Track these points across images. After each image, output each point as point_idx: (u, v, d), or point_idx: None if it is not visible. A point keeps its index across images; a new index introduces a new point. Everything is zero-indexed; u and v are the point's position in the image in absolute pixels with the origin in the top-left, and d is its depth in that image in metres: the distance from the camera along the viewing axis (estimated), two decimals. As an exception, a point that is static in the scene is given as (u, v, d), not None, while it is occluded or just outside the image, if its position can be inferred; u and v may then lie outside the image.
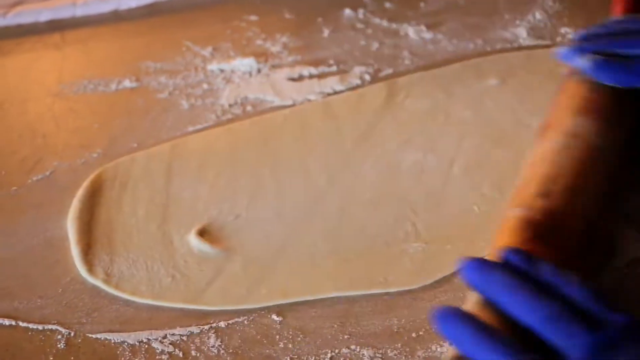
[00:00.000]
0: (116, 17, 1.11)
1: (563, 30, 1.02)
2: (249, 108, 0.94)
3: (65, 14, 1.10)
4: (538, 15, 1.05)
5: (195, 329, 0.70)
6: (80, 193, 0.83)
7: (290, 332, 0.69)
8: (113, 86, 0.98)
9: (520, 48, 1.00)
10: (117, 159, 0.87)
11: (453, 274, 0.73)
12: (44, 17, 1.10)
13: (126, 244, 0.78)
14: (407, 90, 0.94)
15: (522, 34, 1.02)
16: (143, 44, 1.06)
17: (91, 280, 0.75)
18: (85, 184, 0.84)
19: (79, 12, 1.11)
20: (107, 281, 0.75)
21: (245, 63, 1.00)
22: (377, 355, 0.67)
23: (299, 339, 0.69)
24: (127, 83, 0.99)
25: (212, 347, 0.69)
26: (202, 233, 0.78)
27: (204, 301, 0.72)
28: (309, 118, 0.91)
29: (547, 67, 0.95)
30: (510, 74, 0.94)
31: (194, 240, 0.77)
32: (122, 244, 0.78)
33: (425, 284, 0.72)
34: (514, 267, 0.57)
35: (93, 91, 0.98)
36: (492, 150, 0.84)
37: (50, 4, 1.10)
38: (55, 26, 1.09)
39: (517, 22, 1.04)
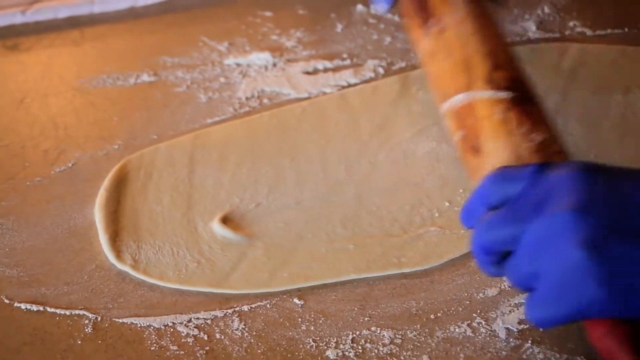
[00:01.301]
0: (133, 14, 1.13)
1: (572, 23, 1.04)
2: (265, 101, 0.96)
3: (83, 10, 1.12)
4: (547, 9, 1.07)
5: (219, 313, 0.72)
6: (106, 183, 0.85)
7: (312, 315, 0.71)
8: (131, 80, 1.00)
9: (530, 41, 1.02)
10: (141, 150, 0.89)
11: (469, 258, 0.75)
12: (63, 14, 1.12)
13: (152, 231, 0.80)
14: (420, 82, 0.95)
15: (531, 27, 1.04)
16: (160, 40, 1.08)
17: (119, 266, 0.77)
18: (111, 174, 0.86)
19: (97, 9, 1.12)
20: (135, 267, 0.76)
21: (261, 57, 1.02)
22: (397, 336, 0.69)
23: (321, 321, 0.70)
24: (145, 77, 1.00)
25: (235, 330, 0.70)
26: (225, 220, 0.80)
27: (228, 285, 0.74)
28: (326, 110, 0.93)
29: (553, 60, 0.97)
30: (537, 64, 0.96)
31: (217, 227, 0.79)
32: (148, 231, 0.80)
33: (436, 265, 0.75)
34: None
35: (112, 85, 0.99)
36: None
37: (68, 1, 1.12)
38: (74, 23, 1.11)
39: (526, 16, 1.06)
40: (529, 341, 0.67)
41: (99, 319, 0.72)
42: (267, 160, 0.87)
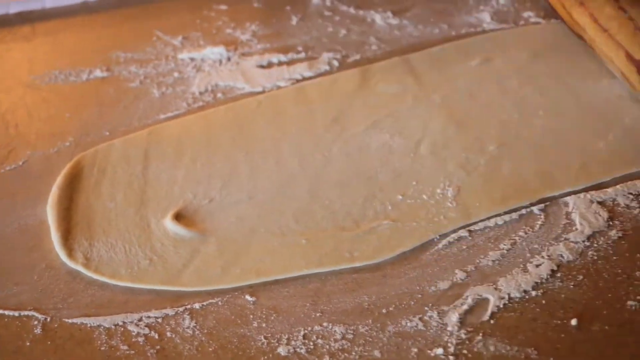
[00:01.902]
0: (86, 9, 1.12)
1: (526, 14, 1.04)
2: (219, 95, 0.95)
3: (34, 5, 1.11)
4: (501, 0, 1.07)
5: (170, 311, 0.71)
6: (59, 180, 0.84)
7: (264, 312, 0.71)
8: (84, 76, 0.99)
9: (485, 32, 1.02)
10: (95, 146, 0.88)
11: (421, 251, 0.75)
12: (13, 9, 1.10)
13: (105, 228, 0.79)
14: (380, 75, 0.96)
15: (485, 18, 1.04)
16: (113, 35, 1.07)
17: (71, 264, 0.76)
18: (64, 171, 0.85)
19: (49, 3, 1.12)
20: (86, 265, 0.75)
21: (215, 51, 1.02)
22: (349, 331, 0.68)
23: (272, 317, 0.70)
24: (98, 73, 0.99)
25: (187, 328, 0.70)
26: (178, 216, 0.79)
27: (180, 282, 0.74)
28: (282, 103, 0.93)
29: (535, 46, 0.97)
30: (494, 54, 0.96)
31: (169, 224, 0.78)
32: (101, 229, 0.79)
33: (388, 259, 0.75)
34: None
35: (64, 81, 0.98)
36: (458, 131, 0.86)
37: (19, -4, 1.11)
38: (25, 18, 1.09)
39: (481, 7, 1.07)
40: (480, 334, 0.67)
41: (49, 319, 0.71)
42: (222, 154, 0.87)
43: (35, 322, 0.71)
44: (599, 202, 0.78)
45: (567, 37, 0.99)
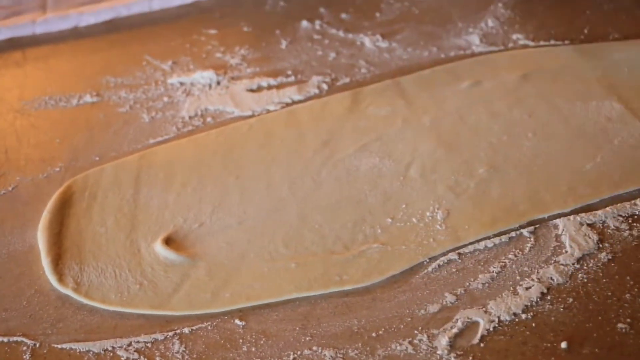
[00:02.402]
0: (76, 34, 1.13)
1: (514, 36, 1.05)
2: (209, 119, 0.95)
3: (24, 31, 1.11)
4: (490, 23, 1.08)
5: (159, 336, 0.71)
6: (50, 204, 0.84)
7: (253, 336, 0.70)
8: (74, 101, 0.99)
9: (474, 54, 1.02)
10: (86, 171, 0.88)
11: (411, 274, 0.75)
12: (4, 35, 1.11)
13: (95, 253, 0.79)
14: (371, 98, 0.96)
15: (475, 41, 1.05)
16: (103, 60, 1.07)
17: (61, 289, 0.75)
18: (55, 196, 0.85)
19: (39, 29, 1.12)
20: (77, 290, 0.75)
21: (204, 76, 1.02)
22: (339, 355, 0.68)
23: (262, 342, 0.70)
24: (87, 98, 1.00)
25: (176, 352, 0.69)
26: (169, 241, 0.79)
27: (170, 307, 0.73)
28: (273, 127, 0.93)
29: (525, 68, 0.98)
30: (484, 77, 0.97)
31: (159, 248, 0.78)
32: (92, 254, 0.79)
33: (378, 282, 0.74)
34: None
35: (54, 107, 0.99)
36: (447, 153, 0.86)
37: (9, 22, 1.11)
38: (16, 44, 1.10)
39: (470, 29, 1.07)
40: (470, 357, 0.67)
41: (38, 345, 0.71)
42: (212, 178, 0.87)
43: (24, 348, 0.71)
44: (589, 225, 0.78)
45: (555, 60, 1.00)
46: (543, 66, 0.99)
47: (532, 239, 0.77)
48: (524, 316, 0.70)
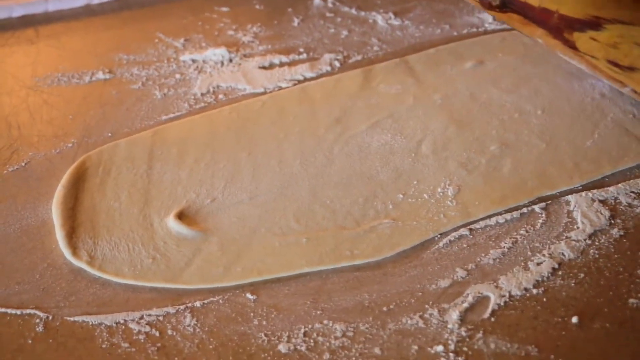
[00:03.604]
0: (88, 12, 1.13)
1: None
2: (221, 96, 0.96)
3: (37, 9, 1.11)
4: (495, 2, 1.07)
5: (171, 309, 0.71)
6: (64, 179, 0.84)
7: (265, 310, 0.71)
8: (87, 78, 1.00)
9: (487, 32, 1.02)
10: (100, 147, 0.89)
11: (422, 250, 0.75)
12: (17, 12, 1.11)
13: (109, 227, 0.79)
14: (383, 76, 0.96)
15: (487, 18, 1.04)
16: (115, 37, 1.07)
17: (75, 262, 0.76)
18: (69, 171, 0.85)
19: (51, 7, 1.12)
20: (90, 263, 0.76)
21: (217, 53, 1.02)
22: (349, 329, 0.68)
23: (273, 315, 0.70)
24: (100, 75, 1.00)
25: (187, 326, 0.70)
26: (181, 216, 0.80)
27: (182, 280, 0.74)
28: (286, 103, 0.94)
29: (521, 49, 0.97)
30: (485, 57, 0.97)
31: (172, 223, 0.79)
32: (105, 228, 0.79)
33: (389, 257, 0.75)
34: None
35: (67, 83, 0.99)
36: (458, 130, 0.87)
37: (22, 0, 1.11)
38: (29, 21, 1.10)
39: (483, 7, 1.06)
40: (481, 331, 0.67)
41: (50, 317, 0.71)
42: (225, 154, 0.87)
43: (37, 321, 0.71)
44: (601, 201, 0.78)
45: None
46: (539, 47, 0.99)
47: (543, 215, 0.77)
48: (534, 291, 0.70)
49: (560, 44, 0.81)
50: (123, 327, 0.70)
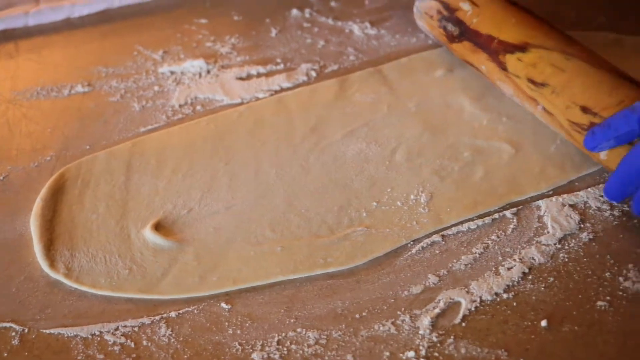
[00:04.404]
0: (68, 25, 1.13)
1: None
2: (199, 107, 0.96)
3: (17, 23, 1.12)
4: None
5: (146, 320, 0.72)
6: (43, 192, 0.85)
7: (239, 319, 0.71)
8: (66, 92, 1.00)
9: (461, 40, 1.03)
10: (79, 159, 0.89)
11: (395, 256, 0.76)
12: (-3, 27, 1.11)
13: (86, 239, 0.80)
14: (358, 85, 0.97)
15: (462, 26, 1.05)
16: (95, 50, 1.08)
17: (52, 275, 0.76)
18: (48, 183, 0.86)
19: (32, 21, 1.12)
20: (67, 275, 0.76)
21: (195, 64, 1.03)
22: (322, 336, 0.69)
23: (247, 324, 0.71)
24: (79, 88, 1.00)
25: (162, 336, 0.70)
26: (158, 227, 0.80)
27: (159, 291, 0.75)
28: (263, 114, 0.94)
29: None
30: (455, 65, 0.98)
31: (149, 234, 0.79)
32: (83, 240, 0.80)
33: (362, 264, 0.76)
34: None
35: (46, 97, 0.99)
36: (432, 138, 0.87)
37: (2, 14, 1.11)
38: (9, 35, 1.10)
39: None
40: (452, 336, 0.68)
41: (26, 330, 0.72)
42: (202, 165, 0.88)
43: (13, 334, 0.71)
44: (571, 205, 0.79)
45: None
46: None
47: (514, 220, 0.78)
48: (505, 296, 0.71)
49: (496, 67, 0.88)
50: (98, 338, 0.70)
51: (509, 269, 0.73)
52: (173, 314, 0.72)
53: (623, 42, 1.01)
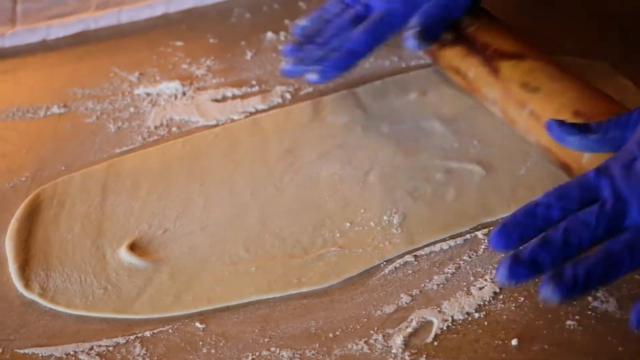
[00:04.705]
0: (44, 47, 1.14)
1: (474, 45, 1.07)
2: (174, 129, 0.97)
3: (-7, 45, 1.12)
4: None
5: (121, 340, 0.72)
6: (18, 212, 0.85)
7: (213, 338, 0.72)
8: (41, 113, 1.01)
9: (430, 65, 1.04)
10: (54, 180, 0.90)
11: (368, 276, 0.76)
12: (-27, 49, 1.12)
13: (62, 259, 0.80)
14: (332, 107, 0.98)
15: (435, 50, 1.06)
16: (71, 72, 1.08)
17: (27, 295, 0.77)
18: (24, 204, 0.86)
19: (8, 42, 1.13)
20: (42, 295, 0.76)
21: (170, 86, 1.04)
22: (296, 355, 0.70)
23: (222, 344, 0.71)
24: (55, 109, 1.01)
25: (137, 355, 0.71)
26: (133, 247, 0.81)
27: (133, 310, 0.75)
28: (238, 135, 0.95)
29: (449, 82, 1.00)
30: (428, 89, 0.99)
31: (124, 254, 0.80)
32: (58, 260, 0.80)
33: (336, 284, 0.76)
34: None
35: (22, 118, 1.00)
36: (405, 159, 0.89)
37: (-23, 35, 1.12)
38: (-16, 57, 1.11)
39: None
40: (424, 355, 0.68)
41: (1, 350, 0.72)
42: (177, 186, 0.89)
43: (-13, 354, 0.72)
44: (541, 227, 0.80)
45: None
46: None
47: (486, 241, 0.79)
48: (476, 315, 0.72)
49: (486, 72, 0.88)
50: (73, 358, 0.71)
51: (480, 288, 0.74)
52: (148, 333, 0.73)
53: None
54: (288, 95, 1.01)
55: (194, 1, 1.20)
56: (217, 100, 1.01)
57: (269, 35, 1.13)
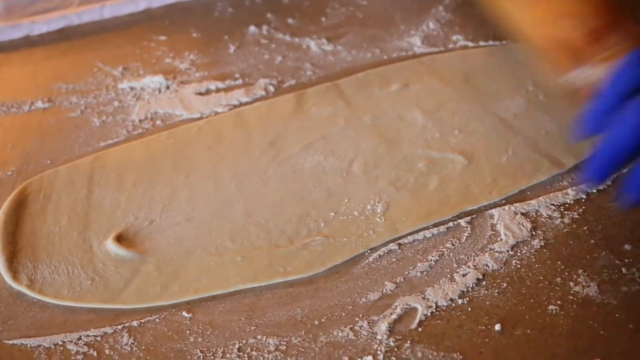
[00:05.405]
0: (28, 43, 1.14)
1: (455, 37, 1.08)
2: (158, 122, 0.98)
3: (-23, 41, 1.13)
4: (431, 25, 1.11)
5: (109, 329, 0.73)
6: (5, 206, 0.86)
7: (200, 327, 0.73)
8: (26, 108, 1.01)
9: (415, 56, 1.05)
10: (41, 174, 0.90)
11: (353, 265, 0.77)
12: (-44, 44, 1.12)
13: (49, 251, 0.81)
14: (315, 99, 0.99)
15: (416, 42, 1.08)
16: (55, 67, 1.09)
17: (15, 286, 0.77)
18: (10, 198, 0.87)
19: (-9, 39, 1.13)
20: (30, 287, 0.77)
21: (154, 80, 1.04)
22: (282, 343, 0.70)
23: (208, 332, 0.72)
24: (39, 104, 1.01)
25: (125, 345, 0.71)
26: (120, 238, 0.81)
27: (121, 300, 0.76)
28: (222, 128, 0.96)
29: (444, 72, 1.01)
30: (410, 80, 1.00)
31: (111, 245, 0.80)
32: (45, 252, 0.81)
33: (321, 273, 0.77)
34: None
35: (6, 113, 1.00)
36: (387, 150, 0.90)
37: (-39, 32, 1.12)
38: (-32, 53, 1.11)
39: (412, 32, 1.10)
40: (408, 341, 0.70)
41: (-11, 341, 0.72)
42: (163, 178, 0.89)
43: (-24, 345, 0.72)
44: (523, 213, 0.81)
45: (467, 63, 1.05)
46: (455, 70, 1.04)
47: (468, 229, 0.80)
48: (460, 301, 0.73)
49: None
50: (61, 348, 0.71)
51: (463, 275, 0.75)
52: (135, 323, 0.73)
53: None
54: (271, 88, 1.02)
55: (176, -4, 1.21)
56: (200, 94, 1.02)
57: (252, 29, 1.14)
